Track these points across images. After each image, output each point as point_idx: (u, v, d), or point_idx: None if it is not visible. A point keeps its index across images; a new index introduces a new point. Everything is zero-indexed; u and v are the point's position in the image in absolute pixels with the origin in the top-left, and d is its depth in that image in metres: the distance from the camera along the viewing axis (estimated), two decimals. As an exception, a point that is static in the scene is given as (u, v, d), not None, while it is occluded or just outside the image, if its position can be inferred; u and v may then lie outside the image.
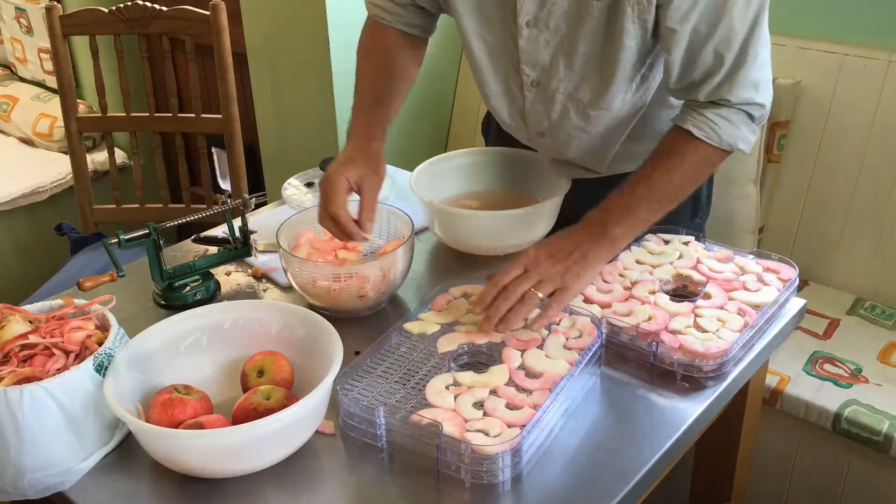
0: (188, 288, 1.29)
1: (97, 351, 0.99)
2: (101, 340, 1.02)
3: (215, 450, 0.94)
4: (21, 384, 0.93)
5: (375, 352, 1.10)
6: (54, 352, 0.99)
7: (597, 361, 1.11)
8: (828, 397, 1.65)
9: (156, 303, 1.31)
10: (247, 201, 1.34)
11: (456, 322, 1.16)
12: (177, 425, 0.96)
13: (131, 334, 1.07)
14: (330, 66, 2.20)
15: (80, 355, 1.00)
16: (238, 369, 1.08)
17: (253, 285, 1.37)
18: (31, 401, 0.92)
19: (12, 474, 0.94)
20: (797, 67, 1.99)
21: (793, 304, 1.26)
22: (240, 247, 1.34)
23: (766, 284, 1.24)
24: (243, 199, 1.34)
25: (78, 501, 0.96)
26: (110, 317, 1.06)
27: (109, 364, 0.99)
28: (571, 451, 1.00)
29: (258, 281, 1.38)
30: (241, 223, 1.34)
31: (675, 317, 1.16)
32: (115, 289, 1.24)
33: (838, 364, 1.75)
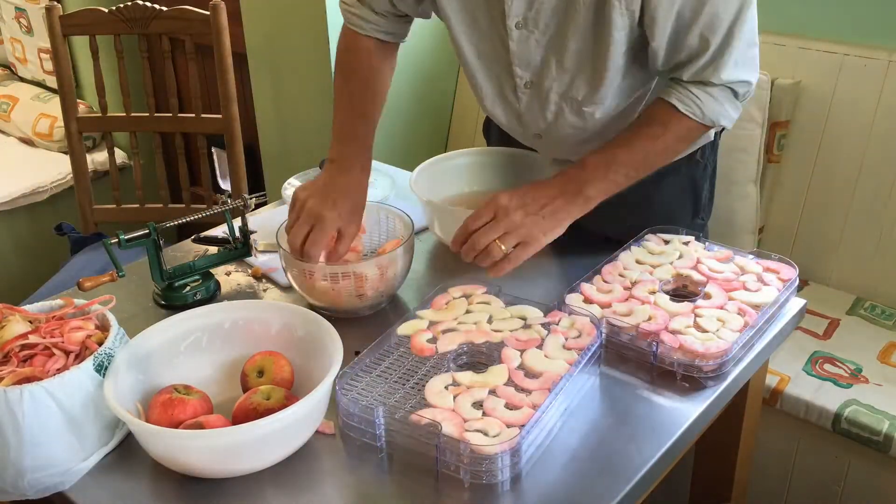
0: (188, 288, 1.29)
1: (97, 351, 0.99)
2: (101, 340, 1.02)
3: (215, 450, 0.94)
4: (21, 384, 0.93)
5: (375, 352, 1.10)
6: (54, 352, 0.99)
7: (596, 361, 1.11)
8: (828, 397, 1.65)
9: (156, 303, 1.31)
10: (247, 201, 1.34)
11: (453, 322, 1.16)
12: (177, 425, 0.96)
13: (131, 334, 1.07)
14: (330, 66, 2.20)
15: (80, 355, 1.00)
16: (238, 369, 1.08)
17: (253, 285, 1.37)
18: (31, 401, 0.92)
19: (12, 474, 0.94)
20: (797, 67, 1.99)
21: (793, 304, 1.26)
22: (240, 247, 1.34)
23: (766, 284, 1.24)
24: (243, 199, 1.34)
25: (78, 501, 0.96)
26: (110, 317, 1.06)
27: (109, 364, 0.99)
28: (571, 450, 1.00)
29: (258, 281, 1.38)
30: (241, 223, 1.34)
31: (675, 317, 1.16)
32: (115, 289, 1.24)
33: (838, 364, 1.75)
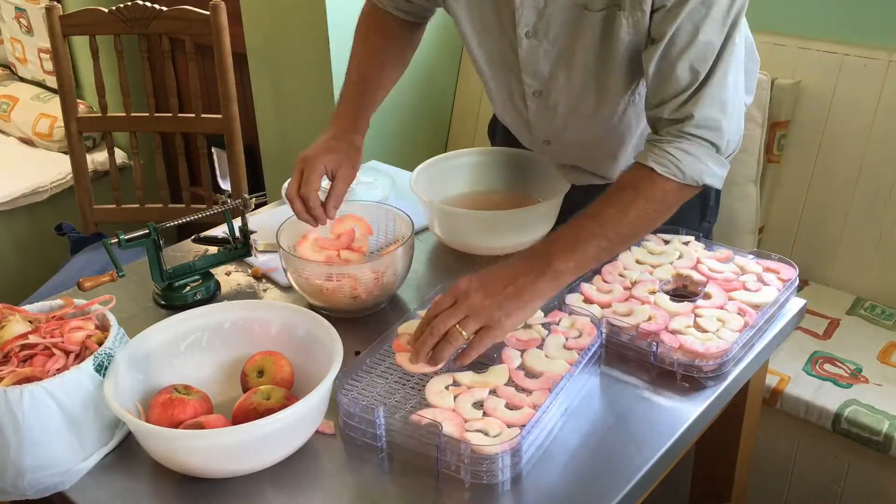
0: (188, 288, 1.29)
1: (97, 351, 0.99)
2: (101, 340, 1.02)
3: (215, 450, 0.94)
4: (21, 384, 0.93)
5: (375, 352, 1.10)
6: (54, 352, 0.99)
7: (596, 361, 1.11)
8: (828, 397, 1.65)
9: (156, 303, 1.31)
10: (247, 201, 1.34)
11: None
12: (177, 425, 0.96)
13: (131, 334, 1.07)
14: (330, 66, 2.20)
15: (80, 355, 1.00)
16: (238, 369, 1.08)
17: (253, 285, 1.37)
18: (31, 401, 0.92)
19: (12, 474, 0.94)
20: (797, 67, 1.99)
21: (793, 304, 1.26)
22: (240, 247, 1.34)
23: (766, 284, 1.24)
24: (243, 199, 1.34)
25: (78, 501, 0.96)
26: (110, 317, 1.06)
27: (109, 364, 0.99)
28: (571, 451, 1.00)
29: (258, 281, 1.38)
30: (241, 223, 1.34)
31: (675, 317, 1.16)
32: (115, 289, 1.24)
33: (838, 364, 1.75)
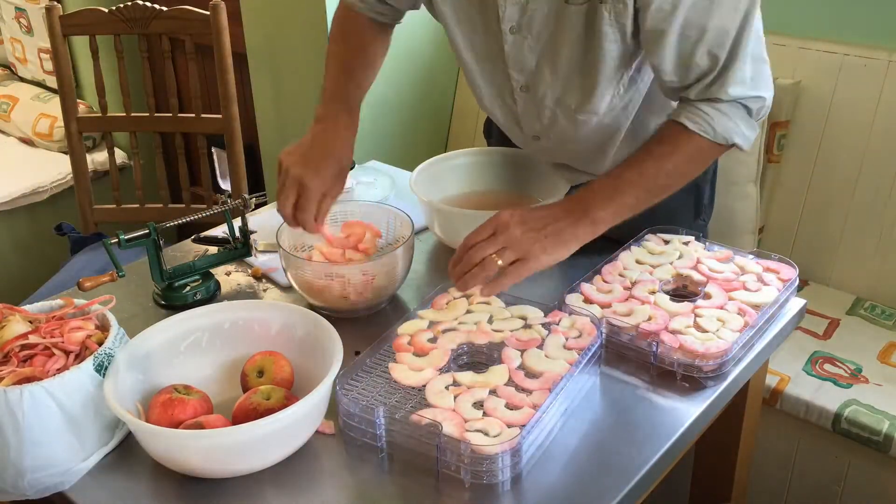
0: (188, 288, 1.29)
1: (97, 351, 0.99)
2: (101, 340, 1.02)
3: (215, 450, 0.94)
4: (21, 384, 0.93)
5: (375, 352, 1.10)
6: (54, 352, 0.99)
7: (596, 361, 1.11)
8: (828, 397, 1.65)
9: (156, 303, 1.31)
10: (247, 201, 1.34)
11: (454, 322, 1.15)
12: (177, 425, 0.96)
13: (131, 334, 1.07)
14: (330, 66, 2.20)
15: (80, 355, 1.00)
16: (238, 369, 1.08)
17: (253, 285, 1.37)
18: (31, 401, 0.92)
19: (12, 474, 0.94)
20: (797, 67, 1.99)
21: (793, 304, 1.26)
22: (240, 247, 1.34)
23: (766, 284, 1.24)
24: (243, 199, 1.34)
25: (78, 501, 0.96)
26: (110, 317, 1.06)
27: (109, 364, 0.99)
28: (571, 451, 1.00)
29: (258, 281, 1.38)
30: (241, 223, 1.34)
31: (675, 317, 1.16)
32: (115, 289, 1.24)
33: (838, 364, 1.75)
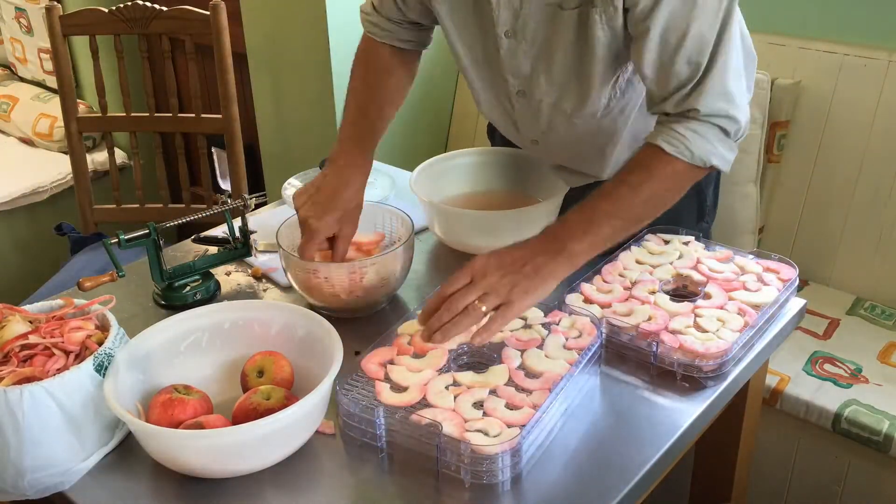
0: (188, 288, 1.29)
1: (97, 351, 0.99)
2: (101, 340, 1.02)
3: (215, 450, 0.94)
4: (21, 384, 0.93)
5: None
6: (54, 352, 0.99)
7: (596, 361, 1.11)
8: (828, 397, 1.65)
9: (156, 303, 1.31)
10: (247, 201, 1.34)
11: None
12: (177, 425, 0.96)
13: (131, 334, 1.07)
14: (330, 66, 2.20)
15: (80, 355, 1.00)
16: (238, 369, 1.08)
17: (253, 285, 1.37)
18: (31, 401, 0.92)
19: (12, 474, 0.94)
20: (797, 67, 1.99)
21: (793, 304, 1.26)
22: (240, 247, 1.34)
23: (766, 284, 1.24)
24: (243, 199, 1.34)
25: (78, 501, 0.96)
26: (110, 317, 1.06)
27: (109, 364, 0.99)
28: (571, 451, 1.00)
29: (258, 281, 1.38)
30: (241, 223, 1.34)
31: (675, 317, 1.16)
32: (115, 289, 1.24)
33: (838, 364, 1.75)
